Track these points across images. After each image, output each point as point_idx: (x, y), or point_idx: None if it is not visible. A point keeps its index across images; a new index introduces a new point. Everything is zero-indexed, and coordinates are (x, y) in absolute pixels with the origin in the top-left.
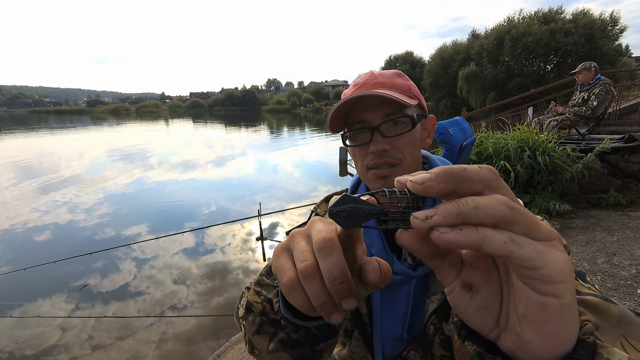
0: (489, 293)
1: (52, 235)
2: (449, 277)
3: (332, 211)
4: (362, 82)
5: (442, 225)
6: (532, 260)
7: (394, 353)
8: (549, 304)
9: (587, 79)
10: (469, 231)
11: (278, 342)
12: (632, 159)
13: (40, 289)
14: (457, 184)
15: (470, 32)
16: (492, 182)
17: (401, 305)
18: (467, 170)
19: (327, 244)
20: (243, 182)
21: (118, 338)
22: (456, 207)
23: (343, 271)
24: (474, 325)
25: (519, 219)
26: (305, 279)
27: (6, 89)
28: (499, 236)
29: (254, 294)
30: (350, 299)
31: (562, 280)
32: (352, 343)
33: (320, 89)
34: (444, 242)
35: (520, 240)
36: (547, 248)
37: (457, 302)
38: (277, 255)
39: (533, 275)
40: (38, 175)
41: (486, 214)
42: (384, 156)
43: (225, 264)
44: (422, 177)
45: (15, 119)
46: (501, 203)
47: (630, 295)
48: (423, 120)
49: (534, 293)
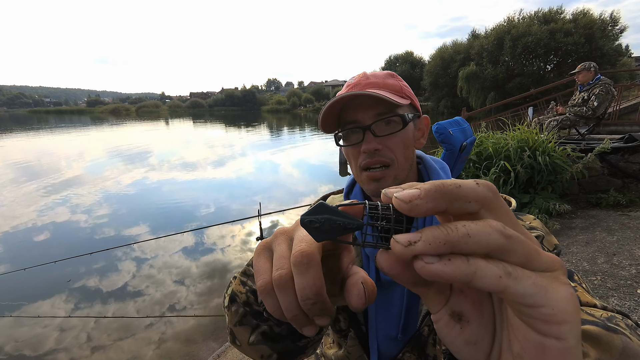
0: (480, 325)
1: (52, 235)
2: (435, 305)
3: (303, 220)
4: (354, 82)
5: (427, 253)
6: (531, 297)
7: (389, 353)
8: (549, 346)
9: (587, 79)
10: (459, 263)
11: (260, 335)
12: (632, 159)
13: (41, 289)
14: (449, 203)
15: (470, 32)
16: (490, 201)
17: (395, 306)
18: (462, 188)
19: (304, 259)
20: (243, 182)
21: (118, 338)
22: (444, 233)
23: (317, 292)
24: (462, 359)
25: (516, 248)
26: (278, 288)
27: (6, 89)
28: (493, 269)
29: (239, 283)
30: (323, 317)
31: (565, 321)
32: (348, 343)
33: (320, 89)
34: (429, 274)
35: (518, 274)
36: (549, 282)
37: (444, 332)
38: (257, 253)
39: (532, 314)
40: (38, 176)
41: (478, 243)
42: (375, 155)
43: (225, 264)
44: (410, 195)
45: (15, 119)
46: (496, 230)
47: (630, 295)
48: (417, 120)
49: (532, 333)
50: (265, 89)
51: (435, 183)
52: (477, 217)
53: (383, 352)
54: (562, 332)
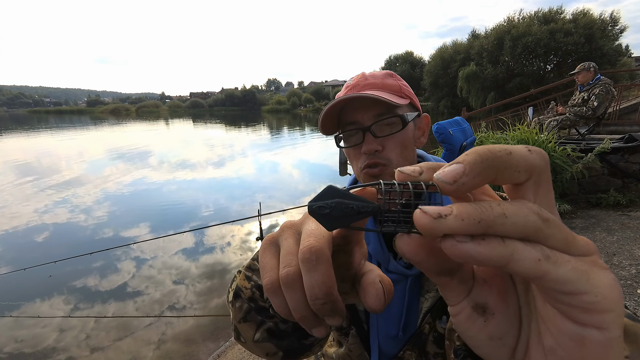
0: (505, 318)
1: (52, 235)
2: (457, 296)
3: (311, 207)
4: (353, 83)
5: (459, 231)
6: (572, 283)
7: (390, 351)
8: (590, 338)
9: (587, 79)
10: (495, 243)
11: (265, 332)
12: (632, 159)
13: (41, 289)
14: (498, 173)
15: (470, 32)
16: (540, 172)
17: (397, 304)
18: (513, 155)
19: (312, 255)
20: (243, 182)
21: (117, 338)
22: (479, 211)
23: (327, 291)
24: (483, 355)
25: (554, 232)
26: (285, 287)
27: (6, 89)
28: (532, 252)
29: (244, 278)
30: (335, 317)
31: (609, 309)
32: (349, 341)
33: (320, 89)
34: (461, 254)
35: (557, 258)
36: (590, 267)
37: (465, 327)
38: (263, 249)
39: (571, 302)
40: (38, 175)
41: (515, 225)
42: (376, 156)
43: (225, 264)
44: (454, 173)
45: (15, 119)
46: (533, 212)
47: (630, 295)
48: (417, 119)
49: (569, 323)
50: (265, 89)
51: (480, 151)
52: (522, 189)
53: (384, 351)
54: (605, 321)
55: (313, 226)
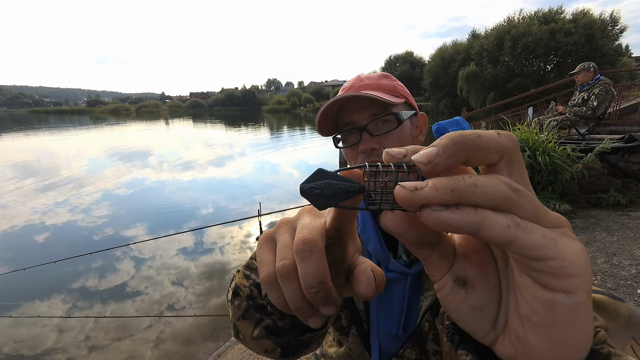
0: (485, 290)
1: (53, 235)
2: (439, 270)
3: (303, 188)
4: (349, 86)
5: (434, 201)
6: (541, 248)
7: (390, 349)
8: (559, 302)
9: (587, 79)
10: (467, 211)
11: (263, 329)
12: (632, 159)
13: (41, 289)
14: (470, 154)
15: (470, 32)
16: (511, 153)
17: (397, 303)
18: (482, 137)
19: (306, 246)
20: (242, 183)
21: (117, 338)
22: (451, 182)
23: (320, 280)
24: (466, 327)
25: (524, 203)
26: (281, 278)
27: (6, 89)
28: (502, 219)
29: (243, 277)
30: (329, 305)
31: (576, 274)
32: (349, 340)
33: (320, 89)
34: (437, 221)
35: (527, 225)
36: (558, 235)
37: (448, 300)
38: (260, 245)
39: (541, 267)
40: (37, 176)
41: (486, 194)
42: (373, 155)
43: (224, 264)
44: (428, 154)
45: (15, 119)
46: (503, 183)
47: (630, 295)
48: (413, 118)
49: (541, 289)
50: (265, 89)
51: (452, 135)
52: (495, 169)
53: (384, 349)
54: (573, 285)
55: (307, 220)
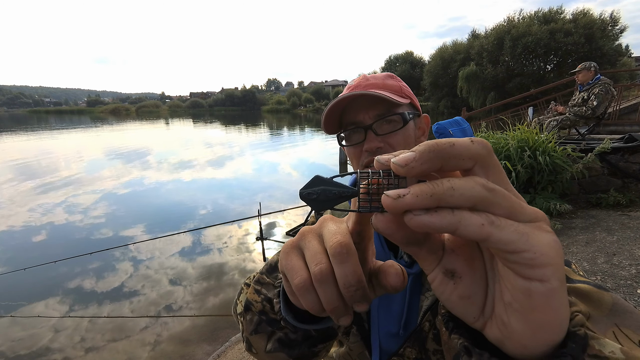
0: (472, 280)
1: (52, 235)
2: (429, 264)
3: (302, 193)
4: (354, 85)
5: (415, 206)
6: (514, 243)
7: (390, 349)
8: (534, 290)
9: (587, 78)
10: (445, 213)
11: (276, 342)
12: (632, 159)
13: (40, 289)
14: (444, 161)
15: (470, 32)
16: (483, 159)
17: (397, 302)
18: (456, 146)
19: (344, 249)
20: (242, 183)
21: (116, 338)
22: (430, 187)
23: (359, 279)
24: (458, 314)
25: (499, 201)
26: (319, 282)
27: (6, 89)
28: (477, 218)
29: (254, 292)
30: (363, 303)
31: (547, 264)
32: (350, 339)
33: (320, 89)
34: (418, 224)
35: (500, 223)
36: (531, 229)
37: (439, 290)
38: (287, 253)
39: (516, 259)
40: (37, 176)
41: (462, 196)
42: (377, 154)
43: (222, 264)
44: (405, 158)
45: (15, 119)
46: (479, 184)
47: (630, 295)
48: (417, 119)
49: (518, 279)
50: (265, 89)
51: (429, 143)
52: (471, 174)
53: (384, 348)
54: (545, 274)
55: (334, 227)
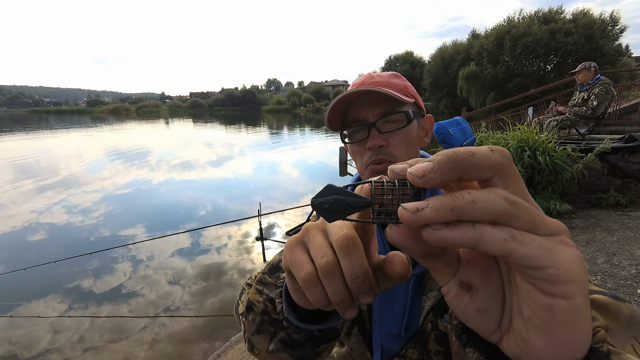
0: (489, 294)
1: (52, 235)
2: (445, 276)
3: (314, 203)
4: (359, 82)
5: (435, 220)
6: (537, 258)
7: (392, 349)
8: (557, 306)
9: (587, 78)
10: (465, 228)
11: (278, 342)
12: (632, 159)
13: (40, 289)
14: (463, 172)
15: (470, 32)
16: (503, 168)
17: (399, 303)
18: (475, 156)
19: (350, 242)
20: (242, 182)
21: (116, 339)
22: (450, 201)
23: (365, 270)
24: (474, 327)
25: (521, 214)
26: (325, 275)
27: (6, 89)
28: (499, 233)
29: (256, 292)
30: (370, 294)
31: (571, 280)
32: (351, 340)
33: (320, 89)
34: (437, 239)
35: (523, 237)
36: (554, 244)
37: (454, 303)
38: (291, 248)
39: (539, 275)
40: (37, 175)
41: (484, 209)
42: (380, 152)
43: (222, 265)
44: (423, 169)
45: (15, 119)
46: (500, 197)
47: (630, 295)
48: (420, 119)
49: (540, 295)
50: (265, 89)
51: (448, 153)
52: (489, 183)
53: (386, 349)
54: (569, 291)
55: (340, 221)
